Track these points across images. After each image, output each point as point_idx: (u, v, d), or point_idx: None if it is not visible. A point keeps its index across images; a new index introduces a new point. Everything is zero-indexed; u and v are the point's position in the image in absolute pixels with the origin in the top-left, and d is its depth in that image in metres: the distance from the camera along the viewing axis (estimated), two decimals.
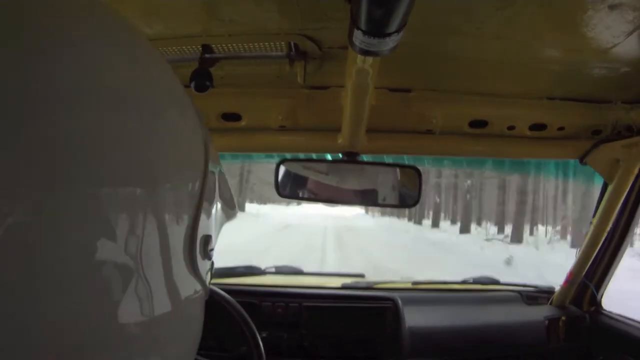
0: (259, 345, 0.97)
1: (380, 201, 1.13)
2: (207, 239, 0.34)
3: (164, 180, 0.28)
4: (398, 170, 1.13)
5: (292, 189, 1.10)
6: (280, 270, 1.63)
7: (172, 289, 0.29)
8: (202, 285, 0.35)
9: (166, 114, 0.30)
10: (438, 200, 22.22)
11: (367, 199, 1.12)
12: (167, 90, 0.31)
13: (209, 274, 0.38)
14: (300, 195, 1.14)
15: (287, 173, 1.08)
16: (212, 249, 0.35)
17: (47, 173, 0.20)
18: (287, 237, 12.49)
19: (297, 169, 1.12)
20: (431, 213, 22.86)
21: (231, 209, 0.46)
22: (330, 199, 1.12)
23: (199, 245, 0.32)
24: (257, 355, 0.97)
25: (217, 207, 0.39)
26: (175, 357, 0.32)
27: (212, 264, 0.39)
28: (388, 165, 1.15)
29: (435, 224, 20.92)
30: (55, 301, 0.21)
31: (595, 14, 0.66)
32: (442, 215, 22.92)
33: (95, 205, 0.23)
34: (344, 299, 1.29)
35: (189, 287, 0.32)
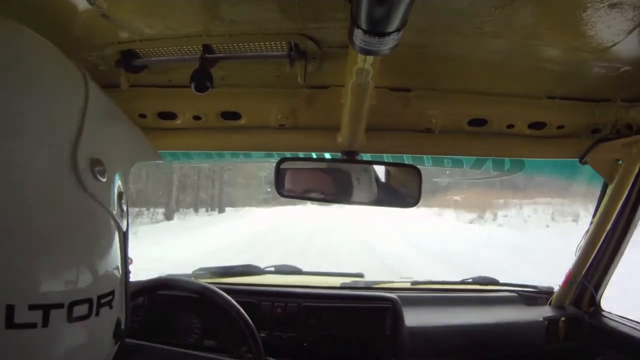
0: (259, 345, 0.97)
1: (379, 201, 1.13)
2: (96, 162, 0.41)
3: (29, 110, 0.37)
4: (397, 169, 1.13)
5: (291, 188, 1.10)
6: (279, 270, 1.63)
7: (53, 193, 0.37)
8: (101, 206, 0.41)
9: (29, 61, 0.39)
10: None
11: (366, 198, 1.12)
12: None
13: (119, 203, 0.44)
14: (300, 194, 1.13)
15: (286, 172, 1.08)
16: (103, 171, 0.41)
17: None
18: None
19: (297, 168, 1.12)
20: None
21: (145, 152, 0.57)
22: (329, 199, 1.12)
23: (82, 163, 0.39)
24: (256, 355, 0.97)
25: (114, 140, 0.47)
26: (70, 262, 0.38)
27: (121, 195, 0.45)
28: (387, 164, 1.15)
29: None
30: None
31: (595, 13, 0.66)
32: None
33: None
34: (343, 299, 1.29)
35: (76, 199, 0.39)
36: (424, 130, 1.11)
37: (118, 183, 0.45)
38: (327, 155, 1.18)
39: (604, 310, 1.33)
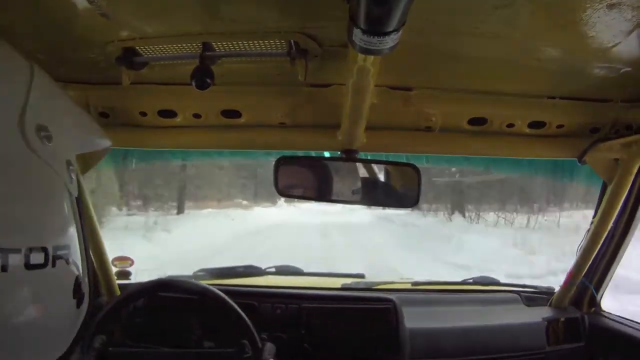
0: (259, 345, 0.97)
1: (378, 200, 1.13)
2: (42, 127, 0.46)
3: None
4: (397, 168, 1.13)
5: (290, 186, 1.10)
6: (280, 271, 1.62)
7: (2, 151, 0.42)
8: (47, 165, 0.47)
9: None
10: None
11: (365, 197, 1.12)
12: None
13: (67, 170, 0.50)
14: (299, 193, 1.13)
15: (286, 171, 1.08)
16: (49, 137, 0.47)
17: None
18: None
19: (296, 166, 1.12)
20: None
21: (94, 140, 0.66)
22: (329, 198, 1.11)
23: (28, 127, 0.44)
24: (256, 356, 0.97)
25: (61, 116, 0.53)
26: (23, 210, 0.43)
27: (69, 163, 0.50)
28: (387, 163, 1.15)
29: None
30: None
31: (594, 13, 0.66)
32: None
33: None
34: (343, 300, 1.29)
35: (24, 156, 0.44)
36: (424, 129, 1.11)
37: (65, 151, 0.50)
38: (327, 154, 1.18)
39: (604, 311, 1.33)
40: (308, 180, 1.11)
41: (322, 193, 1.11)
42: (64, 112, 0.55)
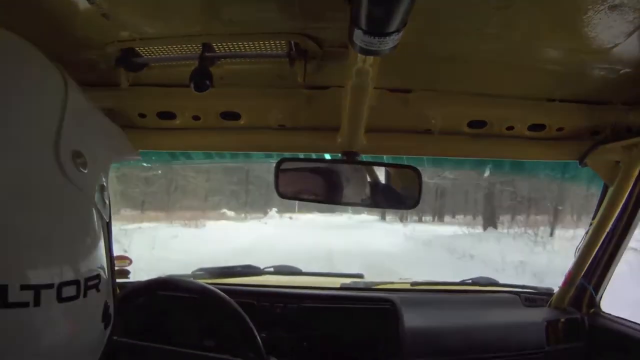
0: (258, 345, 0.97)
1: (379, 203, 1.13)
2: (77, 154, 0.45)
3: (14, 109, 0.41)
4: (397, 170, 1.13)
5: (290, 189, 1.10)
6: (279, 270, 1.63)
7: (39, 181, 0.41)
8: (84, 195, 0.45)
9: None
10: None
11: (366, 200, 1.12)
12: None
13: (101, 195, 0.48)
14: (299, 195, 1.13)
15: (286, 173, 1.08)
16: (84, 163, 0.45)
17: None
18: None
19: (297, 168, 1.12)
20: None
21: (124, 150, 0.63)
22: (328, 200, 1.11)
23: (63, 154, 0.43)
24: (256, 355, 0.97)
25: (94, 136, 0.51)
26: (58, 245, 0.42)
27: (102, 188, 0.49)
28: (387, 165, 1.15)
29: None
30: None
31: (595, 15, 0.66)
32: None
33: None
34: (342, 299, 1.29)
35: (60, 187, 0.43)
36: (424, 131, 1.11)
37: (99, 176, 0.49)
38: (327, 156, 1.18)
39: (603, 312, 1.33)
40: (308, 182, 1.11)
41: (323, 195, 1.11)
42: (97, 130, 0.54)
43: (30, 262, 0.39)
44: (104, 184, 0.50)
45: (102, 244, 0.47)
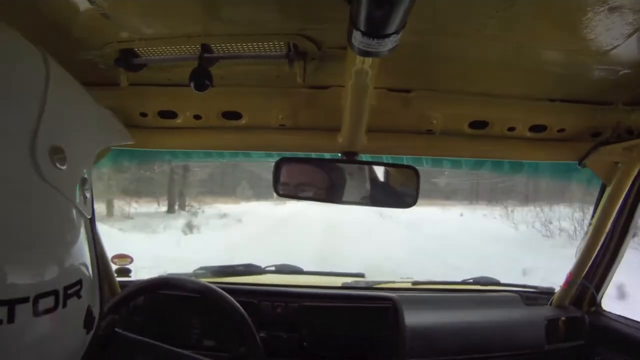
0: (258, 345, 0.98)
1: (378, 201, 1.13)
2: (56, 149, 0.40)
3: None
4: (396, 170, 1.13)
5: (290, 188, 1.10)
6: (280, 269, 1.63)
7: (10, 184, 0.36)
8: (62, 195, 0.41)
9: None
10: None
11: (364, 199, 1.12)
12: None
13: (81, 190, 0.44)
14: (299, 194, 1.14)
15: (286, 172, 1.08)
16: (63, 159, 0.40)
17: None
18: None
19: (296, 168, 1.12)
20: None
21: (114, 134, 0.59)
22: (328, 199, 1.12)
23: (40, 153, 0.38)
24: (256, 355, 0.97)
25: (79, 122, 0.47)
26: (32, 254, 0.38)
27: (84, 181, 0.44)
28: (387, 165, 1.15)
29: None
30: None
31: (595, 16, 0.66)
32: None
33: None
34: (343, 299, 1.29)
35: (35, 189, 0.38)
36: (425, 131, 1.11)
37: (81, 169, 0.44)
38: (327, 156, 1.18)
39: (604, 311, 1.33)
40: (308, 181, 1.12)
41: (321, 194, 1.11)
42: (83, 115, 0.49)
43: (1, 275, 0.34)
44: (86, 176, 0.45)
45: (83, 244, 0.43)
